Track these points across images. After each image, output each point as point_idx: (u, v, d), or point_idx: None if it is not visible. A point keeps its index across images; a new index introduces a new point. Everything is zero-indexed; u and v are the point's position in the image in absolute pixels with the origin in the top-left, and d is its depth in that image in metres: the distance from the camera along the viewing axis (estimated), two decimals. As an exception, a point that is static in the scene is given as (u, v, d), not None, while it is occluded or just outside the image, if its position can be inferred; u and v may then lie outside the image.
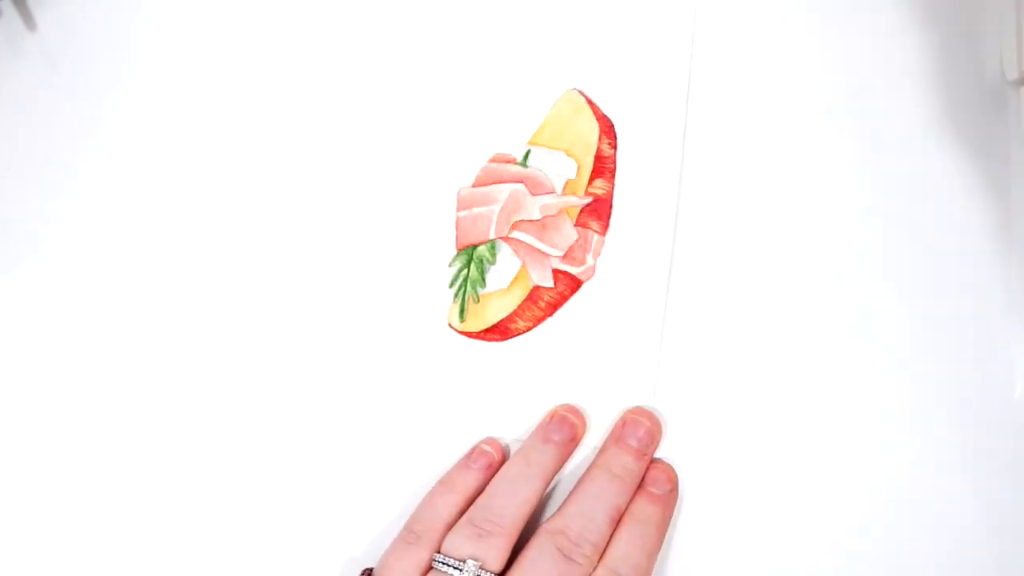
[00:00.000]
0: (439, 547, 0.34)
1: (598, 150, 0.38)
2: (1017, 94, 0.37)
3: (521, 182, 0.38)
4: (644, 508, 0.35)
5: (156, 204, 0.40)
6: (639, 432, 0.36)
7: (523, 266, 0.38)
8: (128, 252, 0.40)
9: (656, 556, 0.34)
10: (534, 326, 0.38)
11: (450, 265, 0.38)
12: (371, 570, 0.35)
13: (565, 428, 0.36)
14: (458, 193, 0.38)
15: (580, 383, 0.37)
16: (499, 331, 0.38)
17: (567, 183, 0.38)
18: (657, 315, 0.37)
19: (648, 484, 0.35)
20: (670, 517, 0.35)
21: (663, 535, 0.35)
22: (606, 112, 0.38)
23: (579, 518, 0.34)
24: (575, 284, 0.38)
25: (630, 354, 0.37)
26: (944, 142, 0.37)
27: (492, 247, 0.38)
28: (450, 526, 0.34)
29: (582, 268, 0.38)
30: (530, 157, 0.38)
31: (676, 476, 0.36)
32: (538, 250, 0.38)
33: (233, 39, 0.40)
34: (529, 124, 0.39)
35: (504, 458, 0.37)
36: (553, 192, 0.38)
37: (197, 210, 0.40)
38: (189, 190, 0.40)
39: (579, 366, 0.37)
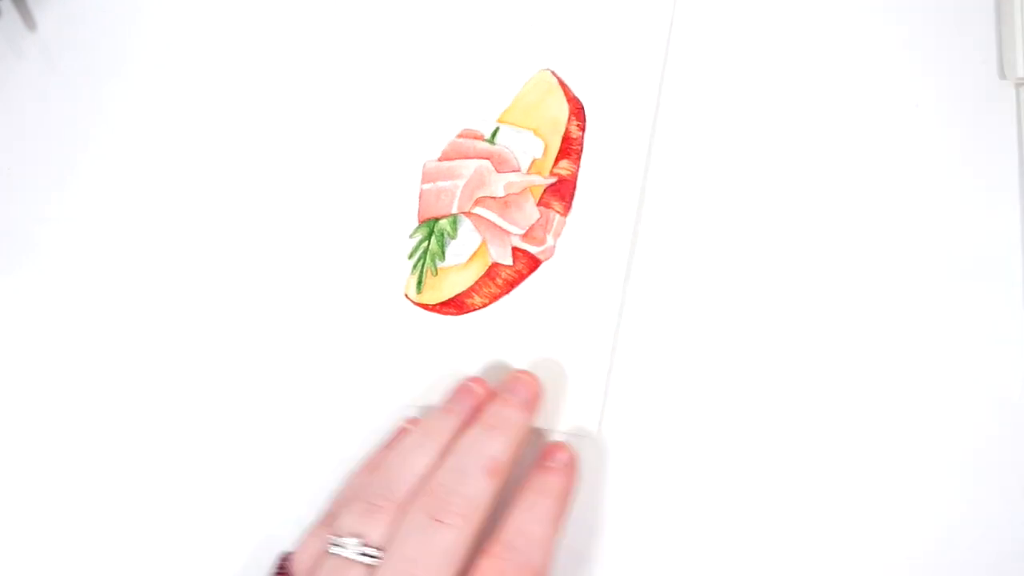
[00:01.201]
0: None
1: (566, 131, 0.38)
2: (1017, 94, 0.36)
3: (487, 158, 0.38)
4: (540, 479, 0.33)
5: (157, 204, 0.41)
6: (517, 387, 0.34)
7: (483, 242, 0.38)
8: (128, 253, 0.41)
9: (556, 528, 0.32)
10: (490, 303, 0.38)
11: (411, 236, 0.38)
12: (288, 554, 0.35)
13: (466, 398, 0.35)
14: (424, 165, 0.39)
15: (532, 362, 0.37)
16: (455, 305, 0.38)
17: (533, 162, 0.38)
18: (615, 299, 0.37)
19: (543, 459, 0.34)
20: (570, 490, 0.33)
21: (563, 508, 0.33)
22: (577, 94, 0.38)
23: (448, 473, 0.31)
24: (534, 263, 0.38)
25: (584, 337, 0.37)
26: (944, 142, 0.36)
27: (454, 221, 0.38)
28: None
29: (542, 248, 0.38)
30: (498, 135, 0.38)
31: (574, 452, 0.34)
32: (499, 227, 0.38)
33: (234, 38, 0.41)
34: (500, 102, 0.39)
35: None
36: (518, 171, 0.38)
37: (199, 210, 0.40)
38: (190, 190, 0.40)
39: (532, 345, 0.37)
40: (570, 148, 0.38)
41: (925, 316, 0.35)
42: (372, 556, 0.31)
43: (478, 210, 0.38)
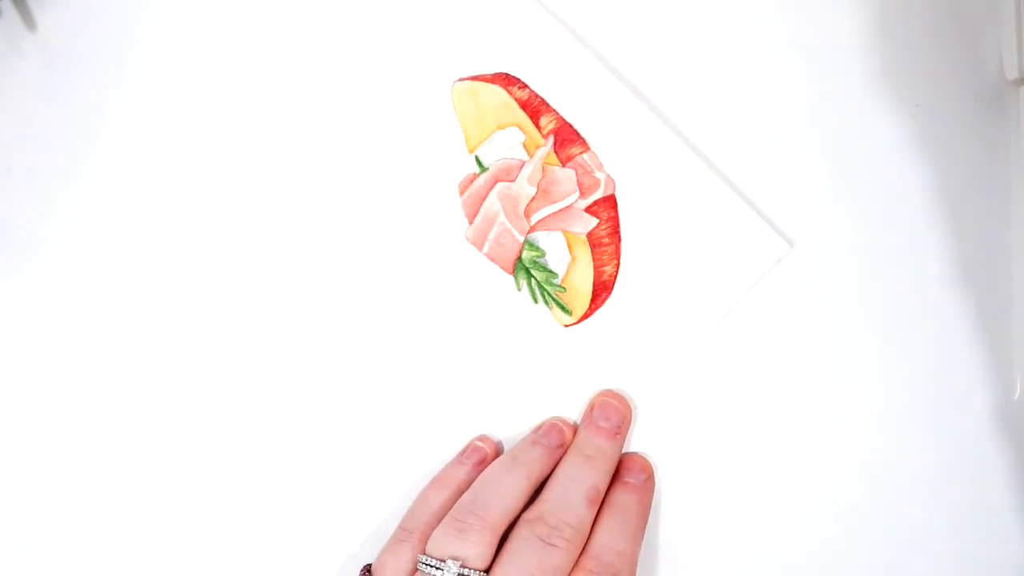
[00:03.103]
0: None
1: (517, 101, 0.38)
2: (1017, 94, 0.37)
3: (496, 181, 0.38)
4: (622, 496, 0.36)
5: (158, 205, 0.40)
6: (609, 413, 0.36)
7: (564, 232, 0.38)
8: (129, 253, 0.40)
9: (639, 543, 0.35)
10: (619, 260, 0.38)
11: (519, 289, 0.38)
12: (371, 566, 0.35)
13: (554, 434, 0.37)
14: (466, 238, 0.38)
15: (697, 274, 0.37)
16: (602, 289, 0.38)
17: (525, 146, 0.38)
18: (693, 160, 0.37)
19: (624, 475, 0.36)
20: (649, 505, 0.36)
21: (644, 522, 0.36)
22: (492, 72, 0.38)
23: (556, 501, 0.34)
24: (611, 201, 0.38)
25: (714, 210, 0.37)
26: (944, 142, 0.37)
27: (531, 245, 0.38)
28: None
29: (602, 186, 0.38)
30: (481, 159, 0.38)
31: (651, 466, 0.37)
32: (560, 210, 0.38)
33: (236, 37, 0.40)
34: (454, 139, 0.38)
35: (497, 455, 0.37)
36: (524, 163, 0.38)
37: (202, 210, 0.40)
38: (192, 190, 0.40)
39: (684, 258, 0.37)
40: (534, 107, 0.38)
41: (925, 316, 0.37)
42: None
43: (535, 217, 0.38)
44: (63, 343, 0.40)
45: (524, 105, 0.38)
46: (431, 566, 0.33)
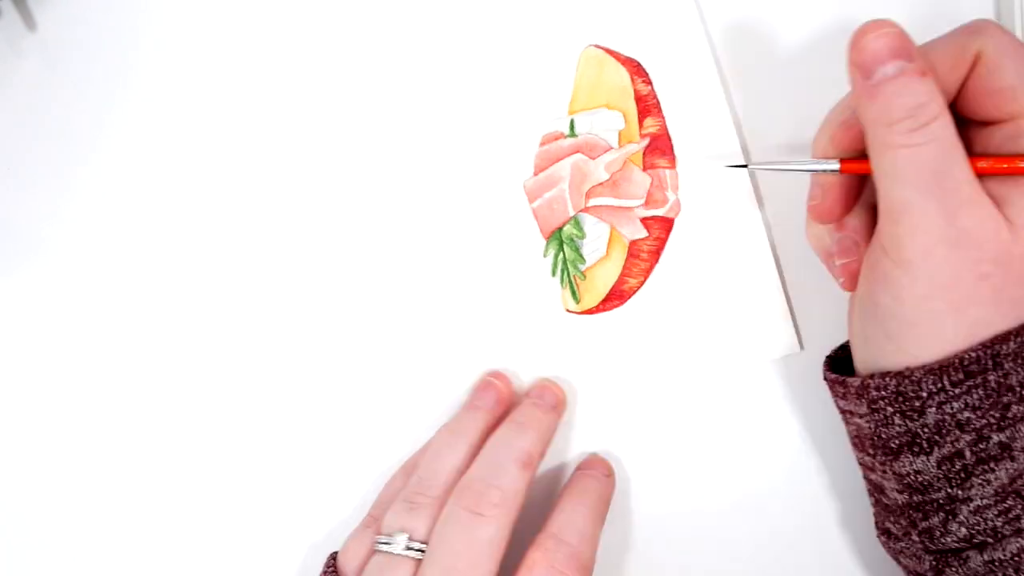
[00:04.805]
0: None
1: (635, 92, 0.38)
2: None
3: (578, 151, 0.38)
4: (583, 482, 0.36)
5: (158, 205, 0.40)
6: (545, 394, 0.37)
7: (612, 228, 0.38)
8: (129, 253, 0.40)
9: (599, 527, 0.35)
10: (646, 279, 0.38)
11: (545, 256, 0.39)
12: (335, 554, 0.36)
13: (489, 393, 0.37)
14: (524, 186, 0.39)
15: (709, 317, 0.38)
16: (616, 296, 0.38)
17: (620, 134, 0.38)
18: (757, 223, 0.37)
19: (584, 468, 0.36)
20: (609, 497, 0.36)
21: (605, 509, 0.36)
22: (628, 55, 0.38)
23: (485, 468, 0.34)
24: (667, 224, 0.38)
25: (748, 268, 0.37)
26: None
27: (576, 223, 0.38)
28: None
29: (667, 207, 0.38)
30: (576, 125, 0.38)
31: (611, 465, 0.37)
32: (619, 207, 0.38)
33: (237, 37, 0.40)
34: (561, 95, 0.38)
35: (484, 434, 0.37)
36: (610, 148, 0.38)
37: (201, 210, 0.40)
38: (192, 190, 0.40)
39: (704, 300, 0.38)
40: (647, 105, 0.38)
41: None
42: (419, 550, 0.33)
43: (593, 201, 0.38)
44: (63, 343, 0.40)
45: (640, 99, 0.38)
46: (383, 543, 0.33)
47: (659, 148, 0.38)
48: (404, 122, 0.39)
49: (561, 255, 0.38)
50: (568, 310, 0.38)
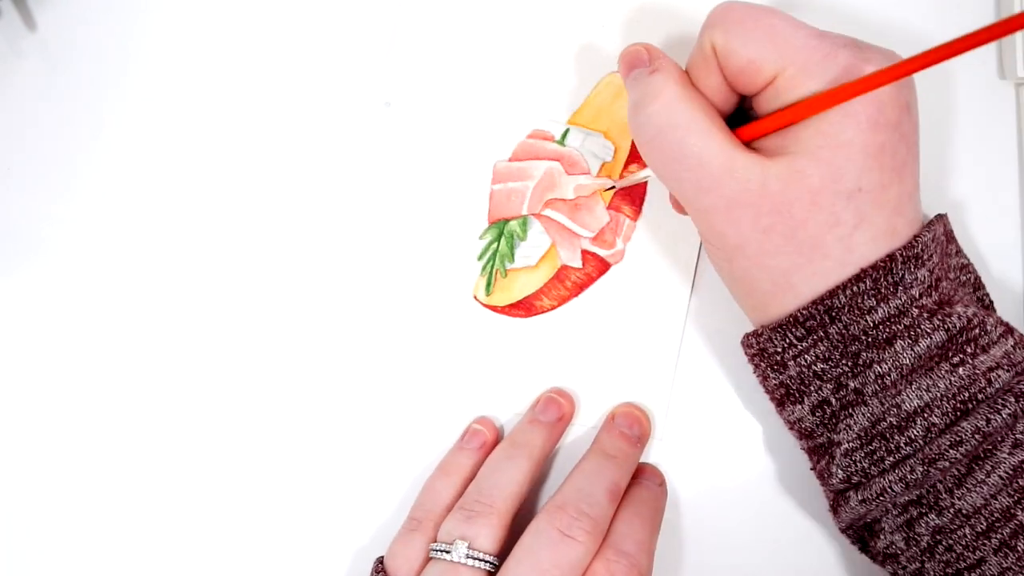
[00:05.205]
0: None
1: (637, 135, 0.38)
2: (1017, 94, 0.37)
3: (558, 160, 0.38)
4: (639, 492, 0.36)
5: (158, 205, 0.40)
6: (630, 422, 0.37)
7: (553, 245, 0.38)
8: (129, 253, 0.40)
9: (655, 536, 0.35)
10: (559, 305, 0.38)
11: (481, 237, 0.38)
12: (382, 558, 0.35)
13: (551, 409, 0.37)
14: (495, 166, 0.38)
15: (599, 366, 0.38)
16: (524, 307, 0.38)
17: (603, 165, 0.38)
18: (681, 304, 0.37)
19: (639, 477, 0.36)
20: (663, 506, 0.36)
21: (660, 518, 0.36)
22: (648, 97, 0.38)
23: (577, 493, 0.34)
24: (603, 266, 0.38)
25: (652, 342, 0.37)
26: (944, 142, 0.37)
27: (524, 223, 0.38)
28: (450, 508, 0.35)
29: (612, 251, 0.38)
30: (568, 136, 0.38)
31: (664, 475, 0.37)
32: (569, 230, 0.38)
33: (237, 37, 0.40)
34: (570, 104, 0.38)
35: (498, 437, 0.38)
36: (588, 173, 0.38)
37: (201, 209, 0.40)
38: (192, 190, 0.40)
39: (600, 349, 0.38)
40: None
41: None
42: (479, 560, 0.33)
43: (548, 212, 0.38)
44: (62, 343, 0.40)
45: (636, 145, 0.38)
46: (441, 550, 0.33)
47: (631, 196, 0.38)
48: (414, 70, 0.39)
49: (495, 245, 0.38)
50: (475, 297, 0.38)
